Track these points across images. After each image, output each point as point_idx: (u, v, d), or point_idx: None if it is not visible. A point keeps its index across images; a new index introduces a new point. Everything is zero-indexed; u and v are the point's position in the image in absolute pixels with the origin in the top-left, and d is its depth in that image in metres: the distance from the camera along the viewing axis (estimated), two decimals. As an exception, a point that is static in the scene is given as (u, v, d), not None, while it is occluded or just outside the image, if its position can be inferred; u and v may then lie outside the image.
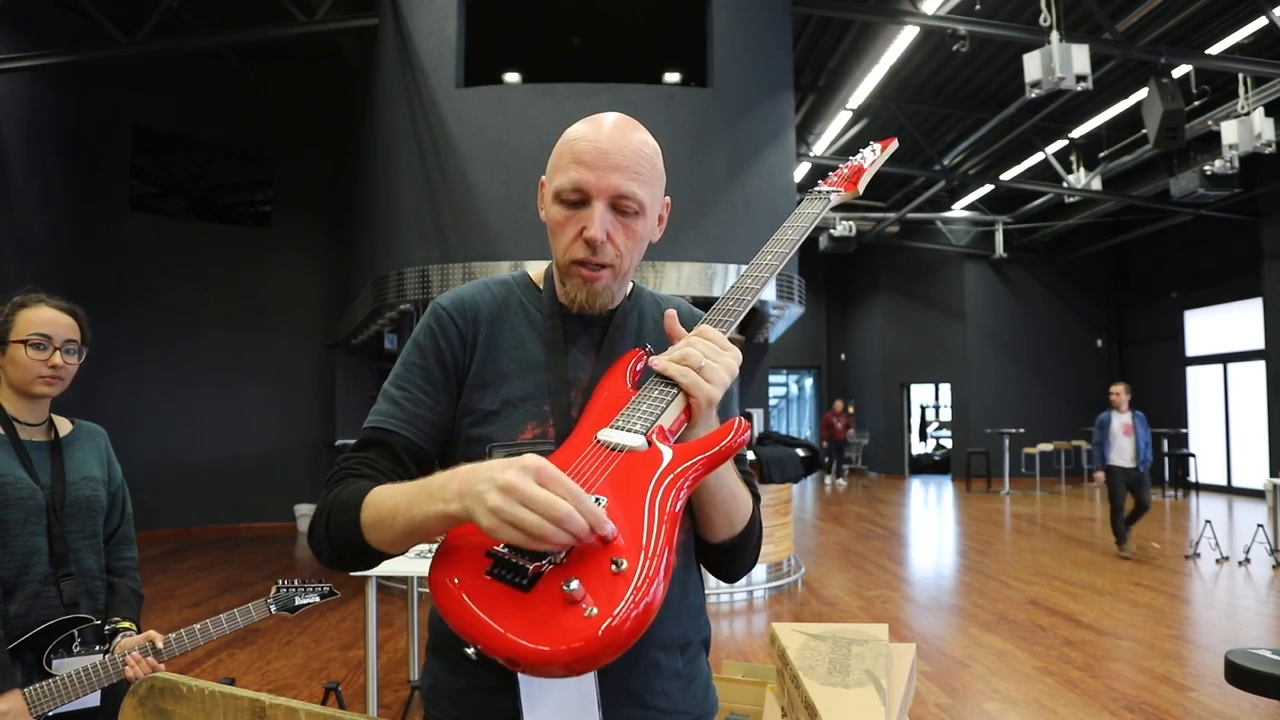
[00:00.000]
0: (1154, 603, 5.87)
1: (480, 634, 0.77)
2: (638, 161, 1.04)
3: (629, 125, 1.07)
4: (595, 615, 0.74)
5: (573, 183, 1.03)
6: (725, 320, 1.03)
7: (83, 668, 1.71)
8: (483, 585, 0.80)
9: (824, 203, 1.21)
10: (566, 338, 1.11)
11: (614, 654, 0.75)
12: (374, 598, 3.29)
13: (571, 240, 1.05)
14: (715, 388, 0.94)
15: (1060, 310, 16.46)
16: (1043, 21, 7.02)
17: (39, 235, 8.32)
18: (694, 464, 0.90)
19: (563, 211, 1.05)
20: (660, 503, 0.85)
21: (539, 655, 0.74)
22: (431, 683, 1.09)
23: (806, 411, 22.25)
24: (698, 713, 1.09)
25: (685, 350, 0.95)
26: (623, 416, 0.95)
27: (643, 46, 9.58)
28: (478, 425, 1.06)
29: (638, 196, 1.04)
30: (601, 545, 0.80)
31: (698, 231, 6.73)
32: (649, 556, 0.79)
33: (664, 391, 0.96)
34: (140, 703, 1.05)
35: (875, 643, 2.08)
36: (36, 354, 1.77)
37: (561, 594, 0.76)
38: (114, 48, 7.23)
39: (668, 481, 0.87)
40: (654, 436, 0.92)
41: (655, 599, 0.77)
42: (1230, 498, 12.88)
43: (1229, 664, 2.50)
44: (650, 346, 1.11)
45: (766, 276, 1.09)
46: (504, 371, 1.08)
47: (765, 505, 6.22)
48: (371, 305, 7.37)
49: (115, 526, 1.96)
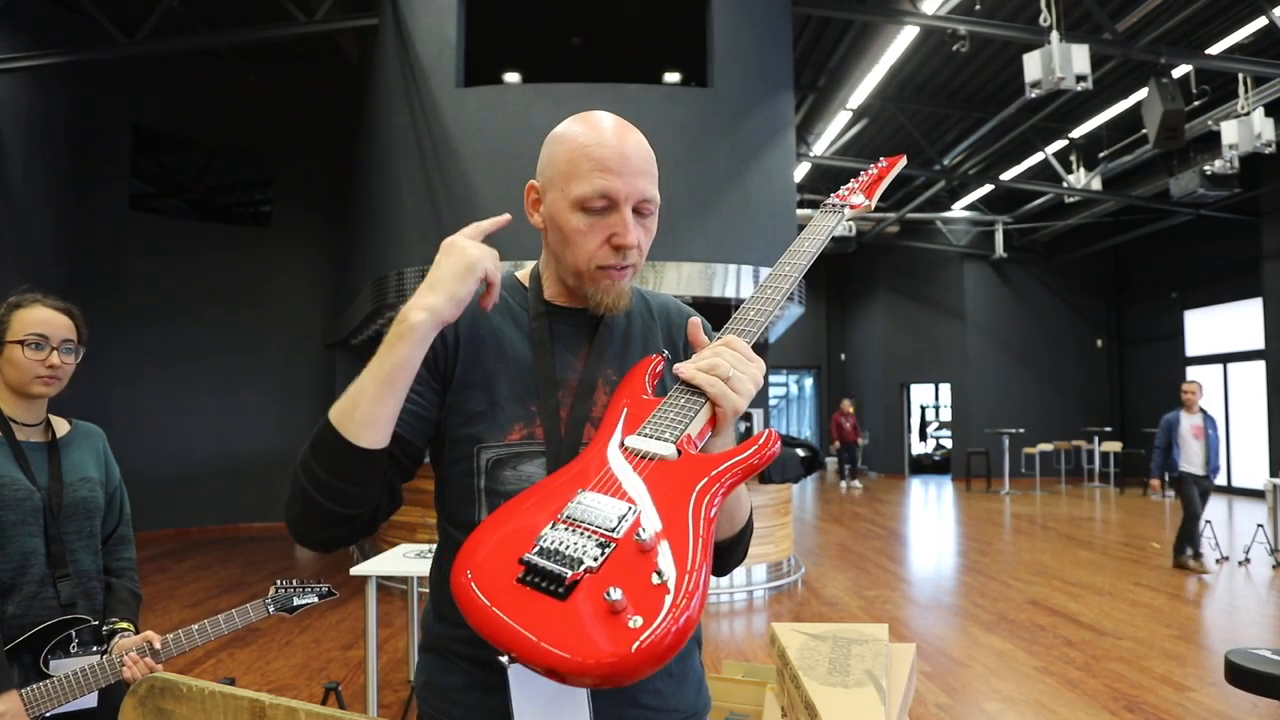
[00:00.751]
0: (1154, 603, 5.87)
1: (516, 644, 0.76)
2: (651, 163, 1.06)
3: (629, 126, 1.08)
4: (639, 625, 0.73)
5: (599, 190, 1.02)
6: (748, 330, 1.03)
7: (80, 668, 1.71)
8: (515, 594, 0.79)
9: (839, 216, 1.22)
10: (553, 338, 1.11)
11: (654, 666, 0.74)
12: (374, 598, 3.29)
13: (597, 247, 1.04)
14: (742, 398, 0.94)
15: (1060, 310, 16.46)
16: (1043, 21, 7.02)
17: (39, 235, 8.32)
18: (730, 475, 0.90)
19: (586, 219, 1.03)
20: (697, 514, 0.84)
21: (581, 666, 0.73)
22: (425, 680, 1.09)
23: (806, 411, 22.25)
24: (690, 711, 1.09)
25: (714, 360, 0.95)
26: (651, 424, 0.95)
27: (643, 46, 9.57)
28: (464, 426, 1.06)
29: (656, 199, 1.06)
30: (641, 555, 0.79)
31: (698, 231, 6.73)
32: (690, 569, 0.78)
33: (691, 400, 0.95)
34: (140, 703, 1.05)
35: (875, 643, 2.08)
36: (34, 354, 1.77)
37: (603, 603, 0.75)
38: (114, 48, 7.23)
39: (708, 493, 0.87)
40: (684, 445, 0.92)
41: (696, 612, 0.76)
42: (1230, 498, 12.88)
43: (1229, 664, 2.50)
44: (667, 352, 1.11)
45: (788, 288, 1.09)
46: (491, 372, 1.08)
47: (765, 505, 6.23)
48: (371, 305, 7.37)
49: (113, 527, 1.96)
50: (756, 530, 6.71)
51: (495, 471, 1.04)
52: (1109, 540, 8.08)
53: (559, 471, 0.95)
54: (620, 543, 0.81)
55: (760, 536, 6.20)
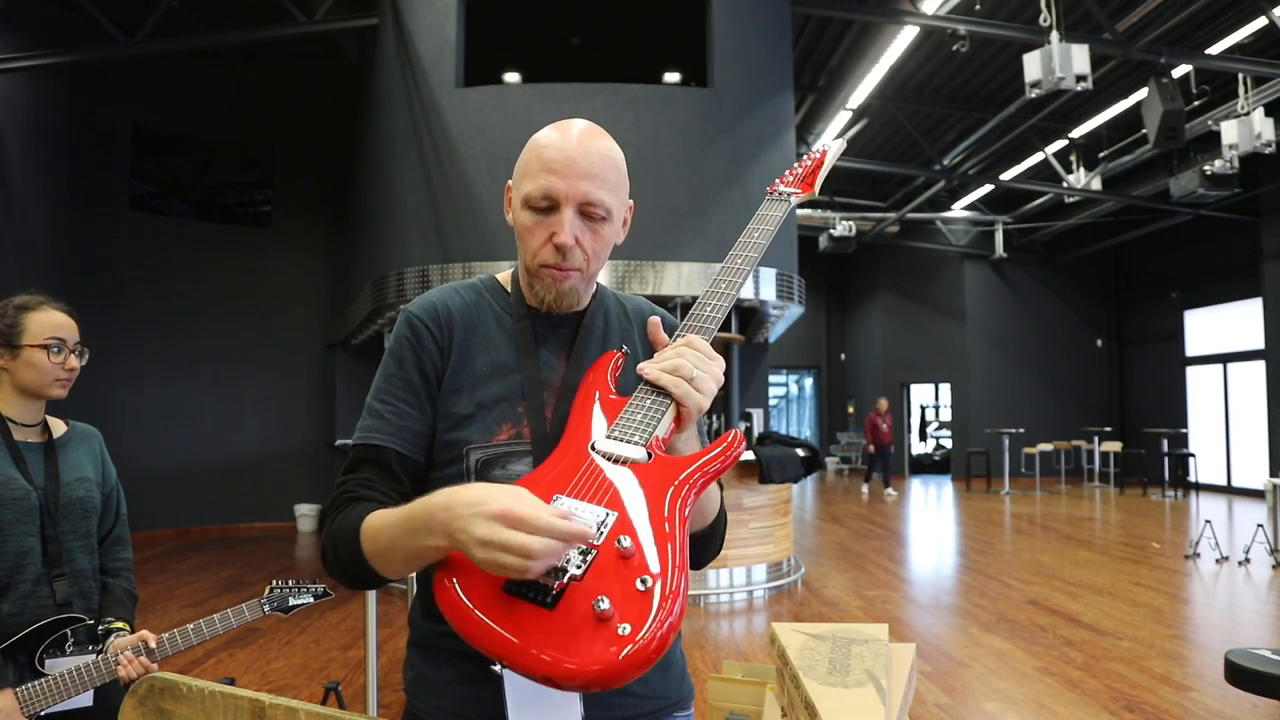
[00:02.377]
0: (1154, 603, 5.87)
1: (508, 653, 0.78)
2: (604, 169, 1.07)
3: (595, 133, 1.10)
4: (628, 633, 0.76)
5: (542, 190, 1.05)
6: (706, 328, 1.04)
7: (75, 667, 1.71)
8: (502, 602, 0.81)
9: (786, 205, 1.21)
10: (536, 339, 1.13)
11: (644, 670, 0.76)
12: (374, 598, 3.29)
13: (541, 245, 1.07)
14: (705, 397, 0.97)
15: (1060, 310, 16.46)
16: (1043, 21, 7.02)
17: (39, 235, 8.32)
18: (700, 476, 0.92)
19: (532, 217, 1.07)
20: (672, 517, 0.87)
21: (574, 674, 0.75)
22: (415, 676, 1.10)
23: (806, 411, 22.25)
24: (675, 698, 1.13)
25: (677, 361, 0.97)
26: (619, 426, 0.97)
27: (643, 46, 9.57)
28: (453, 429, 1.08)
29: (605, 203, 1.07)
30: (623, 561, 0.81)
31: (698, 231, 6.73)
32: (671, 573, 0.81)
33: (656, 401, 0.97)
34: (140, 702, 1.05)
35: (875, 643, 2.08)
36: (55, 357, 1.79)
37: (591, 612, 0.77)
38: (114, 48, 7.23)
39: (680, 495, 0.89)
40: (653, 447, 0.94)
41: (679, 614, 0.79)
42: (1230, 498, 12.88)
43: (1229, 664, 2.50)
44: (627, 349, 1.14)
45: (740, 281, 1.10)
46: (478, 375, 1.10)
47: (765, 505, 6.22)
48: (371, 305, 7.37)
49: (110, 527, 1.96)
50: (756, 530, 6.68)
51: (485, 471, 1.06)
52: (1109, 540, 8.08)
53: (536, 471, 0.96)
54: (601, 549, 0.83)
55: (760, 536, 6.20)
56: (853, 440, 18.91)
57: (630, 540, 0.83)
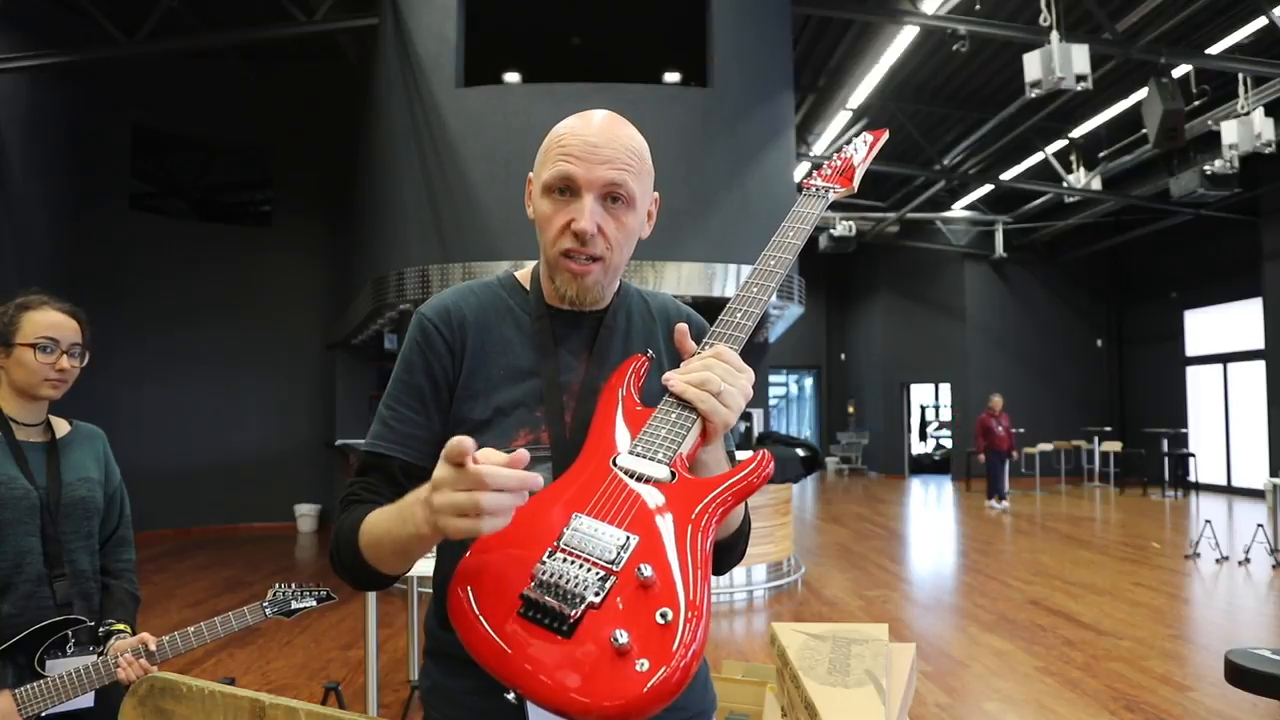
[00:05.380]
0: (1154, 603, 5.87)
1: (523, 681, 0.76)
2: (626, 154, 1.04)
3: (617, 120, 1.07)
4: (646, 669, 0.73)
5: (561, 174, 1.02)
6: (736, 336, 1.00)
7: (75, 669, 1.70)
8: (518, 628, 0.78)
9: (822, 201, 1.16)
10: (555, 339, 1.09)
11: (665, 704, 0.74)
12: (374, 598, 3.28)
13: (559, 232, 1.03)
14: (733, 413, 0.93)
15: (1060, 310, 16.45)
16: (1043, 21, 7.02)
17: (39, 235, 8.32)
18: (725, 500, 0.89)
19: (551, 204, 1.04)
20: (694, 545, 0.83)
21: (590, 709, 0.73)
22: (430, 685, 1.09)
23: (806, 411, 22.25)
24: (696, 709, 1.09)
25: (704, 375, 0.93)
26: (642, 442, 0.93)
27: (643, 46, 9.57)
28: (469, 435, 1.06)
29: (628, 185, 1.03)
30: (643, 591, 0.78)
31: (698, 231, 6.72)
32: (692, 605, 0.78)
33: (682, 415, 0.93)
34: (140, 702, 1.05)
35: (875, 643, 2.08)
36: (44, 357, 1.78)
37: (609, 645, 0.74)
38: (114, 48, 7.23)
39: (702, 522, 0.86)
40: (677, 466, 0.90)
41: (701, 646, 0.76)
42: (1230, 498, 12.87)
43: (1229, 664, 2.50)
44: (651, 353, 1.10)
45: (773, 285, 1.06)
46: (493, 379, 1.06)
47: (765, 505, 6.22)
48: (371, 305, 7.37)
49: (113, 528, 1.96)
50: (756, 530, 6.69)
51: None
52: (1109, 540, 8.08)
53: (556, 485, 0.93)
54: (620, 575, 0.80)
55: (760, 536, 6.20)
56: (853, 440, 18.91)
57: (651, 569, 0.79)
